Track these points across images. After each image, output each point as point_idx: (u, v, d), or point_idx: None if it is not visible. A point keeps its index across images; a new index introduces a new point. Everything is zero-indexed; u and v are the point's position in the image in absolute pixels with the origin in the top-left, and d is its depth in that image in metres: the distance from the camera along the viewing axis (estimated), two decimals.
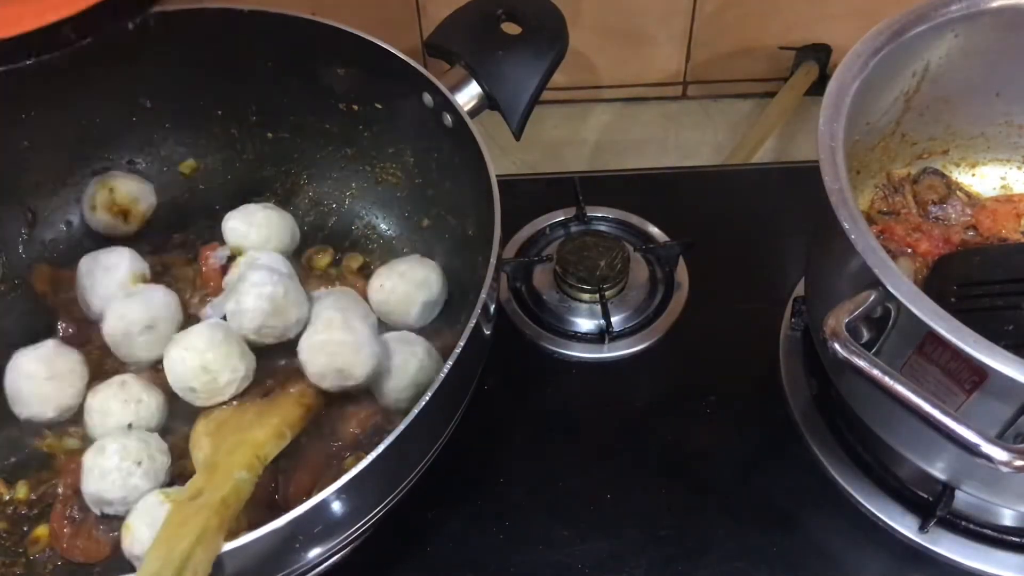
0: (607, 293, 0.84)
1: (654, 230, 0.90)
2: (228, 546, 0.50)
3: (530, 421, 0.78)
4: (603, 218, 0.92)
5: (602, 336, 0.83)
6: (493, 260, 0.61)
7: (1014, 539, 0.69)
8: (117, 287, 0.73)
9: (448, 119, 0.71)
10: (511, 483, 0.74)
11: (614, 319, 0.83)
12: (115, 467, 0.63)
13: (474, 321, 0.57)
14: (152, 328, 0.70)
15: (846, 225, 0.54)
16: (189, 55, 0.78)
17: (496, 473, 0.75)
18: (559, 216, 0.92)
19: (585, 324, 0.84)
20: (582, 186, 0.91)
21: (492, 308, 0.64)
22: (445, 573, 0.70)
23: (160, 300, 0.72)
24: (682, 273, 0.87)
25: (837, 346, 0.52)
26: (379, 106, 0.78)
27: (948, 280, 0.68)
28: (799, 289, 0.84)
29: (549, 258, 0.86)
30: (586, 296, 0.84)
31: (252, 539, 0.50)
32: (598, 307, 0.83)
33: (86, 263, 0.75)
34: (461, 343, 0.57)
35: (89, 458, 0.64)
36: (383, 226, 0.84)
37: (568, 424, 0.78)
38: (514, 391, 0.80)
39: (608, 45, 1.06)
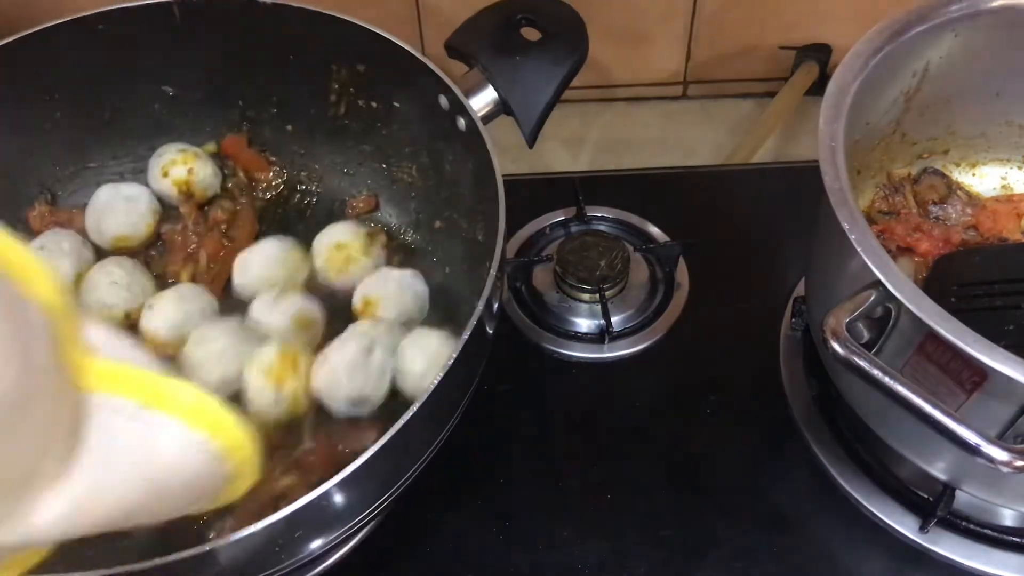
0: (607, 293, 0.83)
1: (654, 230, 0.90)
2: (227, 539, 0.49)
3: (530, 421, 0.78)
4: (603, 218, 0.92)
5: (602, 336, 0.83)
6: (497, 259, 0.60)
7: (1014, 539, 0.69)
8: (137, 219, 0.77)
9: (462, 123, 0.71)
10: (511, 483, 0.74)
11: (614, 319, 0.83)
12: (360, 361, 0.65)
13: (476, 320, 0.57)
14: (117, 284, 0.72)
15: (846, 225, 0.54)
16: (212, 46, 0.79)
17: (496, 473, 0.75)
18: (559, 216, 0.92)
19: (585, 324, 0.84)
20: (582, 186, 0.91)
21: (496, 307, 0.64)
22: (445, 573, 0.70)
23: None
24: (682, 273, 0.87)
25: (837, 346, 0.52)
26: (397, 105, 0.79)
27: (948, 280, 0.68)
28: (799, 289, 0.84)
29: (549, 258, 0.86)
30: (586, 296, 0.84)
31: (252, 532, 0.49)
32: (598, 307, 0.83)
33: (107, 191, 0.77)
34: (464, 336, 0.56)
35: (336, 358, 0.65)
36: (395, 225, 0.84)
37: (568, 424, 0.78)
38: (514, 391, 0.80)
39: (608, 45, 1.06)
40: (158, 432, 0.37)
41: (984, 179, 0.81)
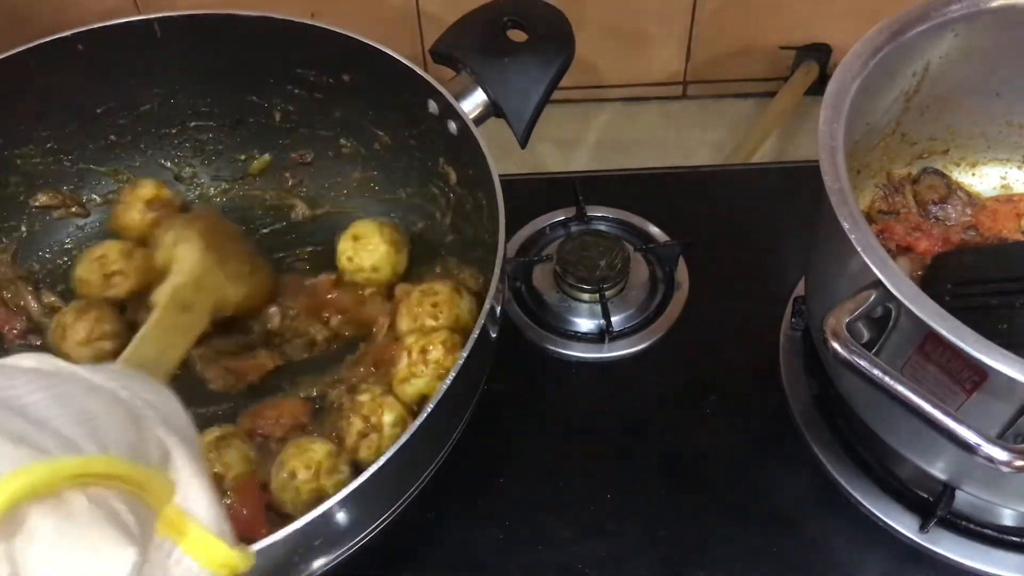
0: (607, 293, 0.83)
1: (654, 230, 0.90)
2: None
3: (530, 421, 0.78)
4: (603, 218, 0.92)
5: (602, 336, 0.83)
6: (498, 268, 0.60)
7: (1014, 539, 0.69)
8: None
9: (453, 126, 0.71)
10: (511, 483, 0.74)
11: (614, 319, 0.83)
12: None
13: (479, 329, 0.57)
14: None
15: (846, 225, 0.54)
16: (194, 61, 0.79)
17: (496, 473, 0.75)
18: (559, 216, 0.92)
19: (585, 324, 0.84)
20: (582, 186, 0.91)
21: (498, 311, 0.64)
22: (445, 573, 0.70)
23: None
24: (682, 273, 0.87)
25: (837, 346, 0.52)
26: (384, 113, 0.78)
27: (943, 279, 0.68)
28: (799, 289, 0.84)
29: (549, 258, 0.86)
30: (586, 296, 0.84)
31: (258, 548, 0.49)
32: (598, 307, 0.83)
33: None
34: (467, 349, 0.57)
35: None
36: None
37: (568, 424, 0.78)
38: (514, 391, 0.80)
39: (608, 45, 1.06)
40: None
41: (984, 179, 0.81)
